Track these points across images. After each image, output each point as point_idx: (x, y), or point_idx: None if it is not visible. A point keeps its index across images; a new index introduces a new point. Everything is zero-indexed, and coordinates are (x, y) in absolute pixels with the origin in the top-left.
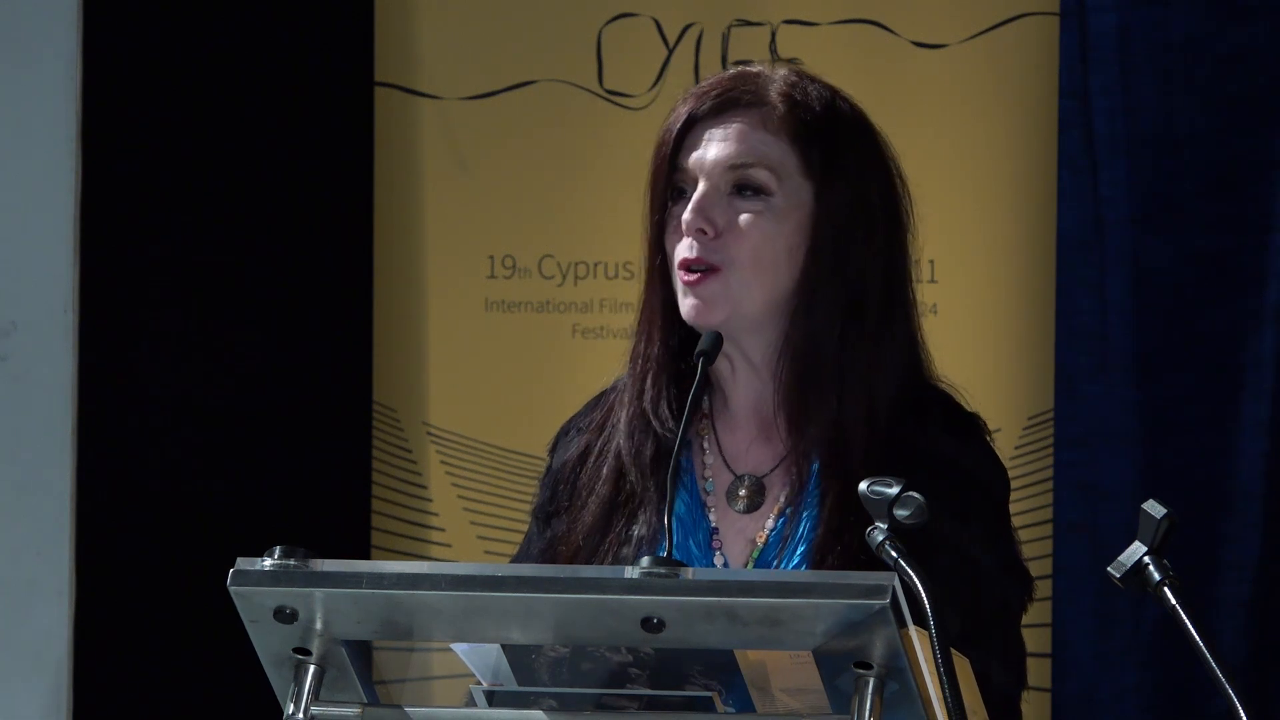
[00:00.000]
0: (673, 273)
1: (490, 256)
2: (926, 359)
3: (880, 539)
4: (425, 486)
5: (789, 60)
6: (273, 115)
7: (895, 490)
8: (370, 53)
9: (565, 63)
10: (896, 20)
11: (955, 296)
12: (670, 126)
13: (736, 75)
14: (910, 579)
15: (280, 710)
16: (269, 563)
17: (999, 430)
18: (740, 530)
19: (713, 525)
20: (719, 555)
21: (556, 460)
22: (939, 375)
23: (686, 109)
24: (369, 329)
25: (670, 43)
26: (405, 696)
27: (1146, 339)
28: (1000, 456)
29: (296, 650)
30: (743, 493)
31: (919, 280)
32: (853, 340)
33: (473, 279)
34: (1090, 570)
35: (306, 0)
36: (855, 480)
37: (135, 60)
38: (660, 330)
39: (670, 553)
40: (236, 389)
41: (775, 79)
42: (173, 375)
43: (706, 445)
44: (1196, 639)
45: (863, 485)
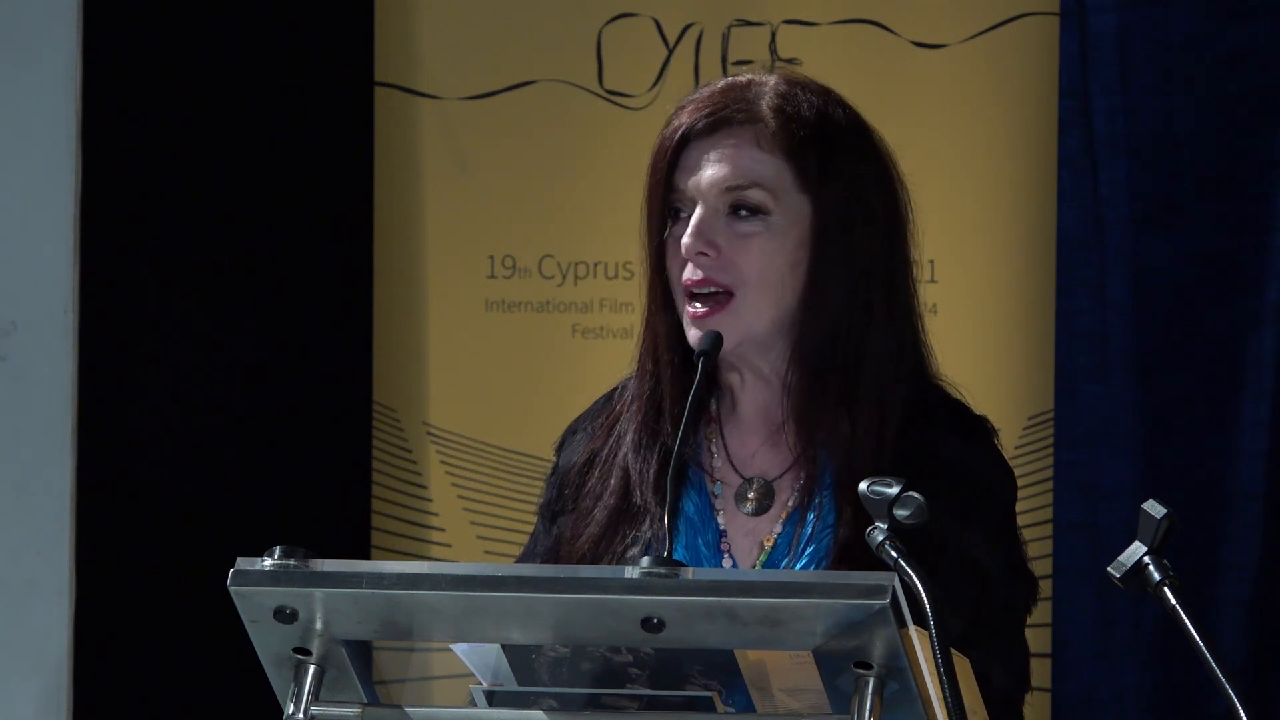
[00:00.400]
0: (676, 296)
1: (490, 256)
2: (930, 359)
3: (880, 539)
4: (425, 486)
5: (789, 60)
6: (273, 115)
7: (895, 490)
8: (370, 53)
9: (565, 63)
10: (896, 20)
11: (955, 296)
12: (664, 145)
13: (727, 89)
14: (910, 579)
15: (280, 710)
16: (269, 563)
17: (999, 430)
18: (748, 533)
19: (721, 527)
20: (727, 557)
21: (563, 460)
22: (942, 375)
23: (679, 125)
24: (369, 329)
25: (670, 43)
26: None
27: (1146, 339)
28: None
29: (296, 650)
30: (751, 495)
31: (919, 280)
32: (859, 344)
33: (473, 279)
34: (1090, 570)
35: (306, 0)
36: None
37: (135, 60)
38: (667, 354)
39: (670, 553)
40: (236, 389)
41: (766, 91)
42: (173, 375)
43: (715, 449)
44: (1196, 639)
45: (863, 485)
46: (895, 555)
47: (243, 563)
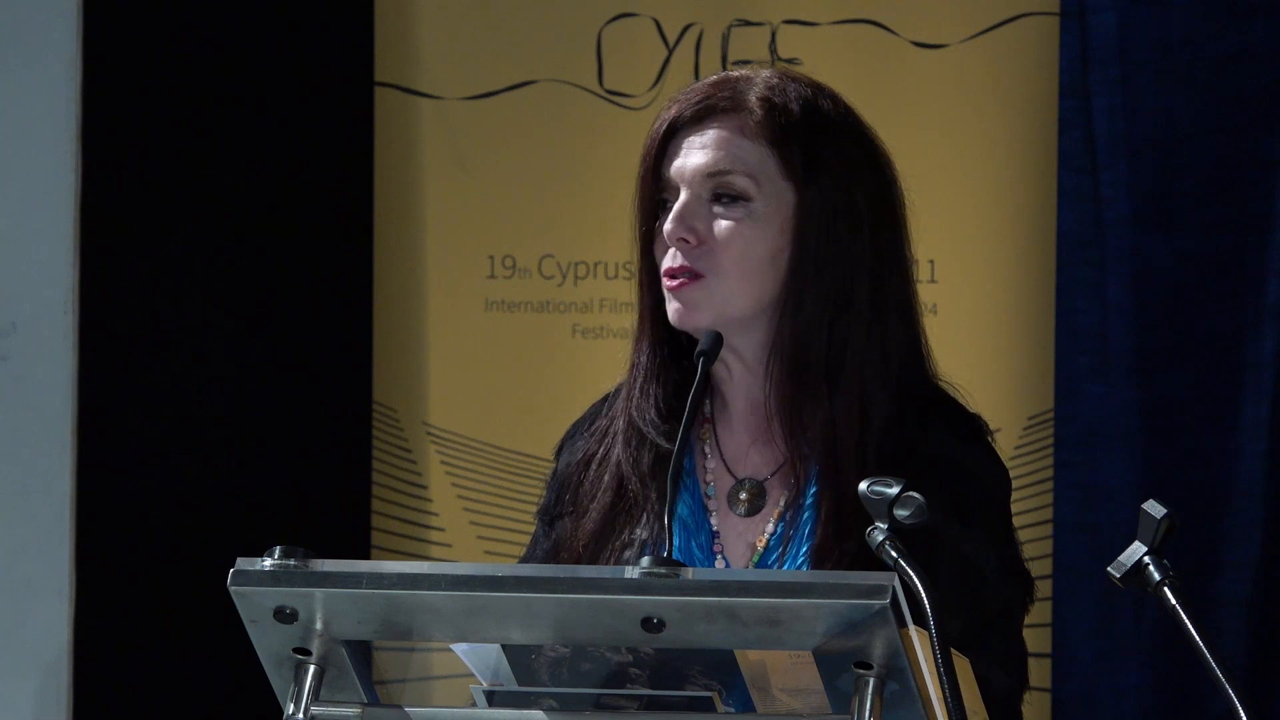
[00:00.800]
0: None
1: (490, 256)
2: (929, 359)
3: (880, 539)
4: (425, 486)
5: (789, 60)
6: (273, 115)
7: (895, 490)
8: (370, 53)
9: (565, 63)
10: (896, 20)
11: (955, 296)
12: (652, 137)
13: (717, 81)
14: (910, 579)
15: (280, 710)
16: (269, 563)
17: (999, 430)
18: (741, 534)
19: (714, 529)
20: (720, 559)
21: (562, 463)
22: (942, 375)
23: (667, 118)
24: (369, 329)
25: (670, 43)
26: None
27: (1146, 339)
28: (1002, 458)
29: (296, 650)
30: (743, 496)
31: (919, 280)
32: (841, 337)
33: (473, 279)
34: (1090, 570)
35: (306, 0)
36: (852, 481)
37: (135, 60)
38: (649, 338)
39: (671, 553)
40: (236, 389)
41: (756, 83)
42: (173, 375)
43: (708, 449)
44: (1196, 639)
45: (863, 485)
46: (895, 555)
47: (243, 563)
